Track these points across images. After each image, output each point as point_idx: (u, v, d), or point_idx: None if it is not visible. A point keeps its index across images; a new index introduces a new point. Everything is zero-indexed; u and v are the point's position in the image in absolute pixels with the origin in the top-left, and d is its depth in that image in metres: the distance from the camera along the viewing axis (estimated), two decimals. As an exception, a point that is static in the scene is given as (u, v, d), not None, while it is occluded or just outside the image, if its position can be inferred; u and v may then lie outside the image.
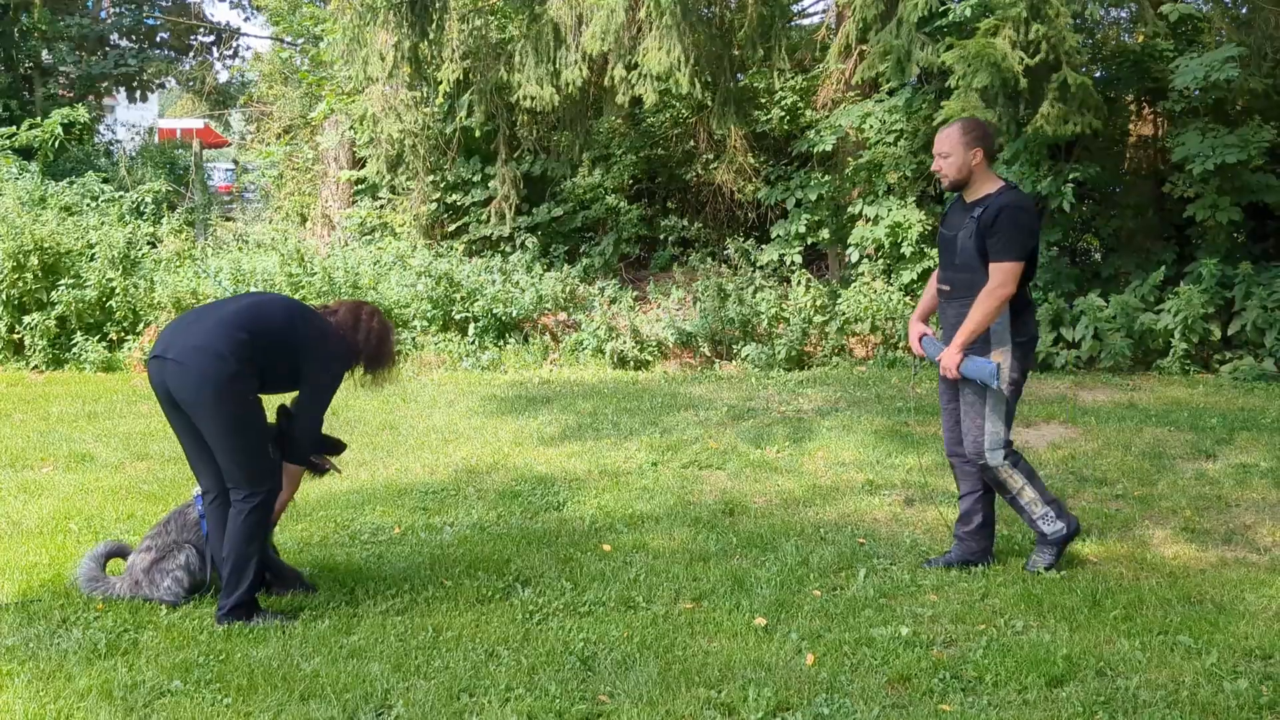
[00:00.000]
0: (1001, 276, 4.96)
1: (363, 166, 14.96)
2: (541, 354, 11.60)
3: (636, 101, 12.63)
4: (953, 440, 5.37)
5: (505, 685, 3.96)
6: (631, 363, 11.36)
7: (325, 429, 4.94)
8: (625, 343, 11.38)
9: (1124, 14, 13.10)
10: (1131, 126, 12.94)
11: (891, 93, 12.49)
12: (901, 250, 11.80)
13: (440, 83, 12.56)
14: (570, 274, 12.80)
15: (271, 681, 3.98)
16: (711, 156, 14.40)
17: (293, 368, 4.67)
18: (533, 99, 12.12)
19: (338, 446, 5.08)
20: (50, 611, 4.64)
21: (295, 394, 4.78)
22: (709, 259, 13.02)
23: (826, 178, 12.84)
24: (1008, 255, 4.96)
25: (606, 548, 5.63)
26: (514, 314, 11.88)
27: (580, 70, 11.81)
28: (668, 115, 15.05)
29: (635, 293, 12.67)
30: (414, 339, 11.73)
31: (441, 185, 14.45)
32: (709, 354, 11.53)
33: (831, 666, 4.15)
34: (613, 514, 6.26)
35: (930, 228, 11.84)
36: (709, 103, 12.82)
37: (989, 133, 5.15)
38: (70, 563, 5.17)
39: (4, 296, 11.27)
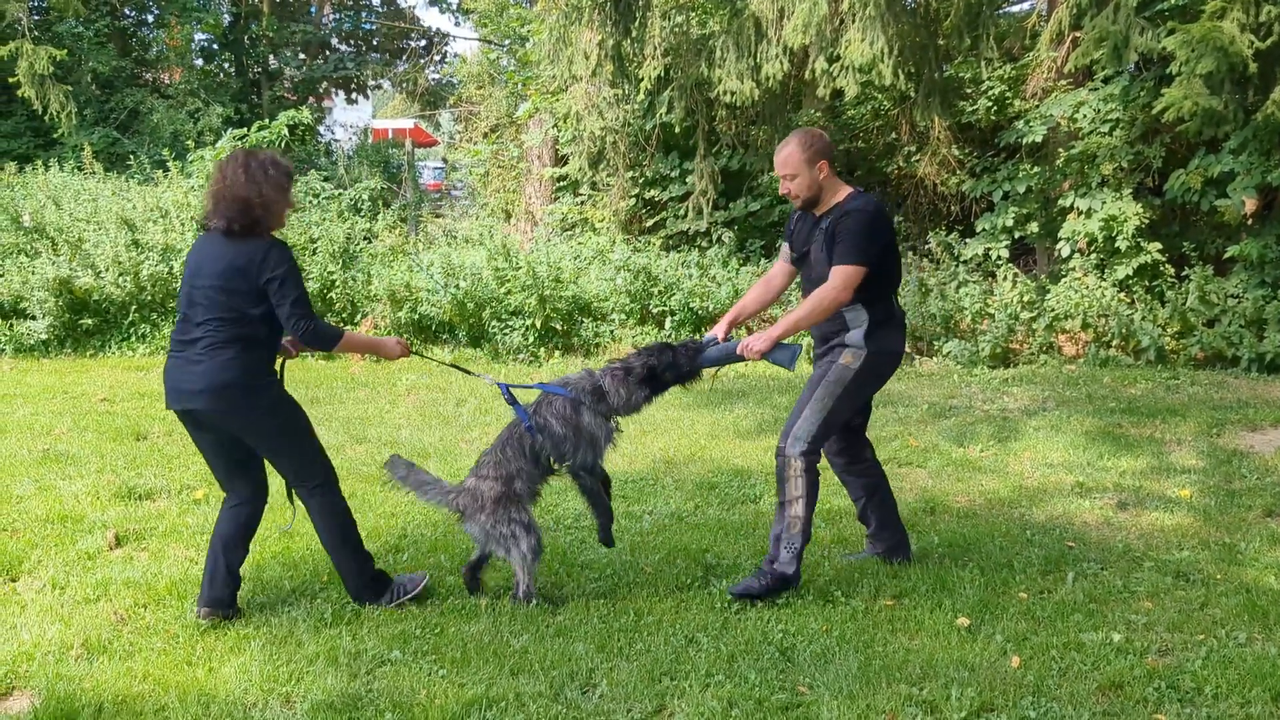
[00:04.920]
0: (838, 280, 4.69)
1: (565, 164, 15.33)
2: (738, 348, 11.61)
3: (837, 94, 12.50)
4: (831, 449, 5.26)
5: (705, 671, 4.02)
6: (829, 358, 11.24)
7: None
8: (822, 338, 11.28)
9: (1369, -9, 12.16)
10: (1375, 112, 12.01)
11: (1107, 80, 11.99)
12: (1116, 244, 11.31)
13: (641, 80, 12.74)
14: (767, 268, 12.76)
15: (483, 655, 4.16)
16: (914, 149, 14.12)
17: (260, 289, 4.29)
18: (732, 94, 12.15)
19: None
20: (280, 581, 4.97)
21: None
22: (910, 253, 12.78)
23: (1036, 169, 12.42)
24: (847, 259, 4.69)
25: (804, 541, 5.61)
26: (710, 308, 11.95)
27: (781, 64, 11.75)
28: (869, 107, 14.83)
29: (833, 287, 12.53)
30: (612, 331, 11.95)
31: (640, 181, 14.67)
32: (909, 350, 11.32)
33: (1038, 670, 4.04)
34: (810, 508, 6.22)
35: (1148, 220, 11.32)
36: (912, 94, 12.58)
37: (827, 143, 4.89)
38: (297, 538, 5.50)
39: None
